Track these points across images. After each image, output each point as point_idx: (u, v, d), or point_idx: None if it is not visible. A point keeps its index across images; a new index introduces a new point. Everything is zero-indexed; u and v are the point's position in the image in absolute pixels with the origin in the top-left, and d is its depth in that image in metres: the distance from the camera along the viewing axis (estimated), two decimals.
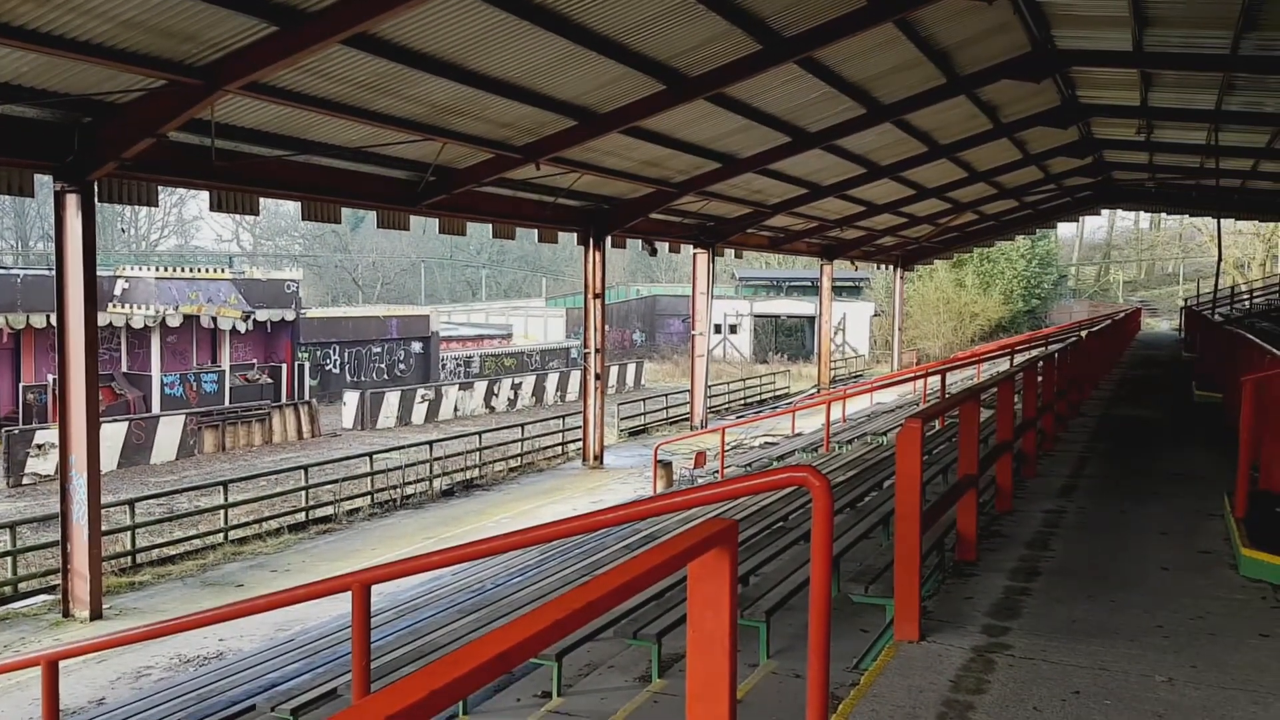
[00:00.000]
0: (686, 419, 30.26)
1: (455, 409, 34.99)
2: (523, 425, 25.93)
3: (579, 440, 24.85)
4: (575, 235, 23.32)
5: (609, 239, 23.72)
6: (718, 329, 51.97)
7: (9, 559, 13.44)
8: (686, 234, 26.89)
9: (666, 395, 33.83)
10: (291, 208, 16.55)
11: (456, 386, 36.70)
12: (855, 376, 43.89)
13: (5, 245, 59.28)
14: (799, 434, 22.99)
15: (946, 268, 54.57)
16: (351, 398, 32.20)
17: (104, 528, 12.89)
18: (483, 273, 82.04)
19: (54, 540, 14.13)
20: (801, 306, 55.85)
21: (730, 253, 31.07)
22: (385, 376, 40.14)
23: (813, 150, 20.20)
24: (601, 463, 24.04)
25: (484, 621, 6.84)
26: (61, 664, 6.07)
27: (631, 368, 45.30)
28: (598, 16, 12.09)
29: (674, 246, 28.03)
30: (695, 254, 28.05)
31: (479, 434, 23.96)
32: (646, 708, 4.97)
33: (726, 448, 19.24)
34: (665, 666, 5.59)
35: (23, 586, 13.36)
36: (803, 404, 26.61)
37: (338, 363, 39.06)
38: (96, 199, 11.88)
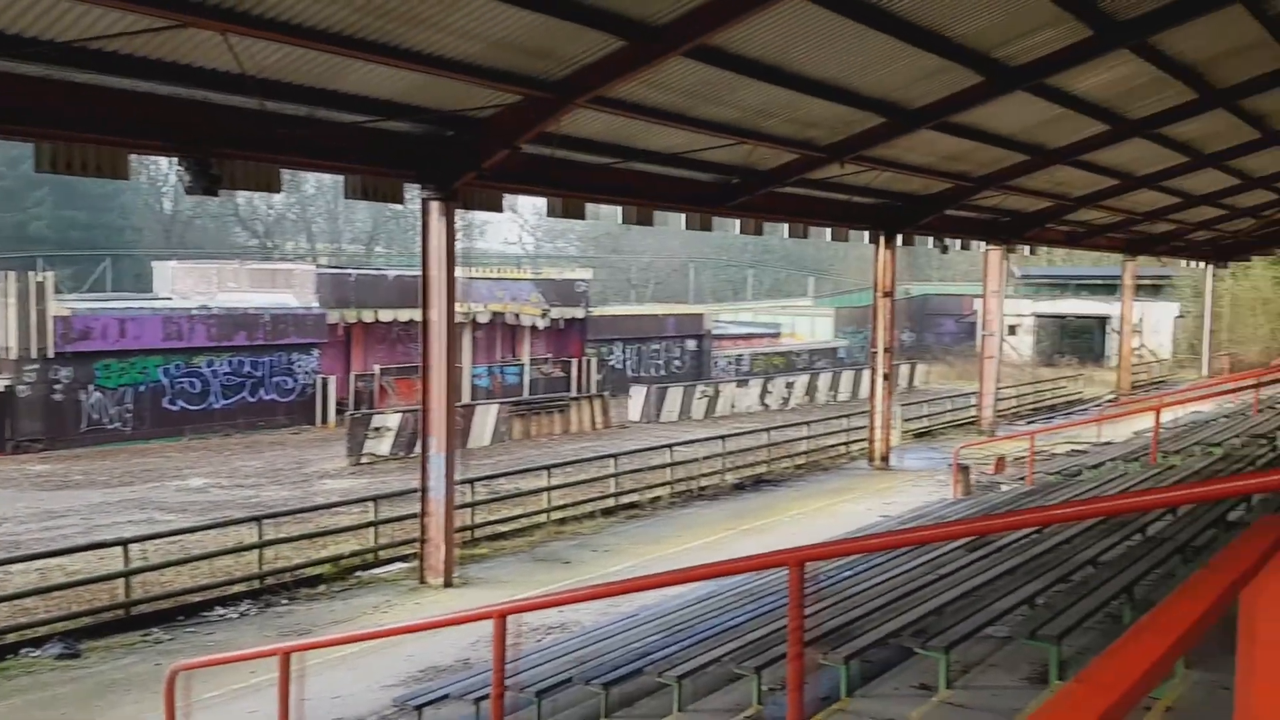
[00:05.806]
0: (970, 422, 29.22)
1: (732, 405, 35.60)
2: (808, 423, 25.98)
3: (862, 440, 24.62)
4: (865, 234, 23.13)
5: (899, 237, 23.34)
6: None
7: (371, 530, 15.13)
8: (979, 230, 25.95)
9: (950, 397, 32.79)
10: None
11: (734, 384, 37.34)
12: (1157, 383, 40.55)
13: (359, 250, 66.51)
14: (1107, 442, 21.65)
15: (1265, 265, 49.18)
16: (638, 392, 33.54)
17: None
18: (748, 272, 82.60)
19: (401, 514, 15.81)
20: (1090, 306, 52.26)
21: (1013, 251, 29.66)
22: (663, 372, 41.42)
23: (1130, 140, 19.01)
24: (888, 464, 23.68)
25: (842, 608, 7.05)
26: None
27: (904, 368, 44.18)
28: (921, 7, 11.96)
29: (965, 243, 27.13)
30: (987, 251, 27.04)
31: (767, 430, 24.28)
32: None
33: (1020, 454, 18.60)
34: (1063, 668, 5.54)
35: (382, 554, 15.00)
36: (1119, 411, 25.03)
37: (620, 359, 40.75)
38: (456, 207, 13.17)
